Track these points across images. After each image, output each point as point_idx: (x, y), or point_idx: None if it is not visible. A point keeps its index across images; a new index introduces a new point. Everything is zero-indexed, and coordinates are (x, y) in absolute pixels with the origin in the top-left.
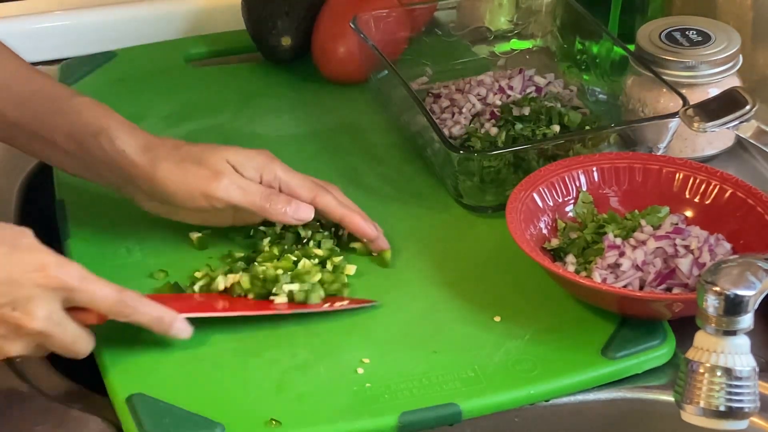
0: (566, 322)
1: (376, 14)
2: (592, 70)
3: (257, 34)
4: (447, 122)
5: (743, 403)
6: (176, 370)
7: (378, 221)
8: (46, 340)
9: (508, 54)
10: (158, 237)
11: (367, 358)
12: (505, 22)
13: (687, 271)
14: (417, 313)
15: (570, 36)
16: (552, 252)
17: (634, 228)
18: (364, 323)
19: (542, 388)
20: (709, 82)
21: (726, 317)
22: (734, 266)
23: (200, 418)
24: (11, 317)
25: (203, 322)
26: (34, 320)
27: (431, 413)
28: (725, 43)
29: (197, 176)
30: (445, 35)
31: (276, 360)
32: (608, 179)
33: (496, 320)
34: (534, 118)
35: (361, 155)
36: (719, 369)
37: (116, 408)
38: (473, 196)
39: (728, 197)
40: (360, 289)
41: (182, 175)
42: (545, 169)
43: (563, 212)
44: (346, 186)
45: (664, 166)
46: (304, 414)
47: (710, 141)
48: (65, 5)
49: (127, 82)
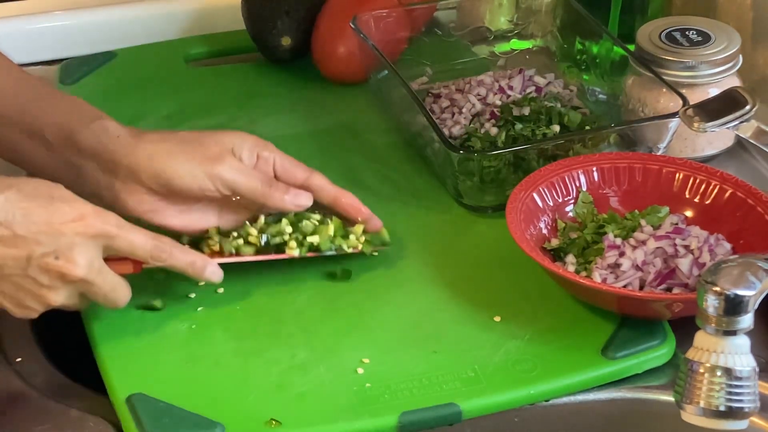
0: (566, 322)
1: (376, 14)
2: (592, 70)
3: (257, 34)
4: (447, 122)
5: (743, 403)
6: (176, 369)
7: None
8: (88, 288)
9: (508, 54)
10: None
11: (367, 358)
12: (505, 22)
13: (687, 271)
14: (417, 313)
15: (570, 36)
16: (552, 252)
17: (634, 228)
18: (364, 323)
19: (542, 388)
20: (709, 82)
21: (726, 317)
22: (734, 266)
23: (200, 417)
24: (54, 266)
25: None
26: (76, 267)
27: (431, 413)
28: (725, 43)
29: (202, 157)
30: (445, 35)
31: (276, 360)
32: (608, 179)
33: (496, 320)
34: (534, 118)
35: (361, 155)
36: (719, 369)
37: (116, 408)
38: (473, 196)
39: (728, 197)
40: (360, 289)
41: (185, 155)
42: (545, 169)
43: (563, 212)
44: (346, 186)
45: (664, 166)
46: (304, 414)
47: (710, 141)
48: (65, 5)
49: (127, 82)
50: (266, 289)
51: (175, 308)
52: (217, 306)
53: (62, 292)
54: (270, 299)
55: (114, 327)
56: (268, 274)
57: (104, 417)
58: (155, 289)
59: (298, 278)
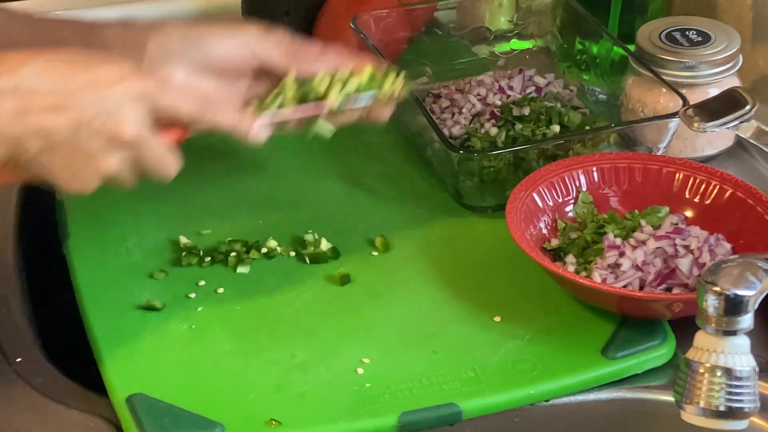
0: (566, 322)
1: (376, 14)
2: (592, 70)
3: None
4: (447, 122)
5: (743, 403)
6: (176, 370)
7: (378, 221)
8: (139, 153)
9: (508, 54)
10: (158, 237)
11: (367, 358)
12: (505, 22)
13: (687, 271)
14: (417, 313)
15: (570, 36)
16: (552, 252)
17: (634, 228)
18: (364, 323)
19: (542, 388)
20: (709, 82)
21: (726, 317)
22: (734, 266)
23: (200, 417)
24: (104, 127)
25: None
26: (127, 127)
27: (431, 413)
28: (725, 43)
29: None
30: (445, 35)
31: (276, 360)
32: (608, 179)
33: (496, 320)
34: (534, 118)
35: (361, 155)
36: (719, 369)
37: (116, 408)
38: (473, 196)
39: (728, 197)
40: (359, 288)
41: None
42: (545, 169)
43: (563, 212)
44: (346, 186)
45: (664, 166)
46: (304, 414)
47: (710, 141)
48: (65, 5)
49: None
50: (266, 289)
51: (175, 308)
52: (217, 306)
53: (115, 157)
54: (270, 299)
55: (114, 327)
56: (268, 274)
57: (104, 417)
58: (155, 289)
59: (297, 278)
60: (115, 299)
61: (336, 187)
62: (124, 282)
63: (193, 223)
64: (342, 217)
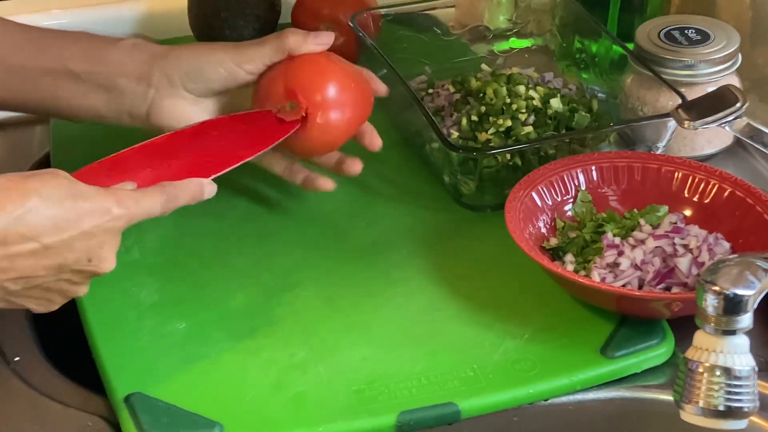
0: (565, 321)
1: (374, 13)
2: (591, 69)
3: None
4: (446, 121)
5: (742, 402)
6: (175, 369)
7: (377, 221)
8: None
9: (507, 53)
10: (158, 237)
11: (366, 357)
12: (504, 20)
13: (686, 271)
14: (416, 313)
15: (569, 35)
16: (551, 251)
17: (633, 227)
18: (363, 322)
19: (541, 387)
20: (708, 80)
21: (725, 317)
22: (733, 265)
23: (199, 417)
24: (88, 267)
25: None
26: (108, 264)
27: (430, 413)
28: (724, 42)
29: (227, 46)
30: (444, 34)
31: (274, 359)
32: (607, 178)
33: (494, 319)
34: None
35: (360, 155)
36: (718, 368)
37: (115, 407)
38: (472, 195)
39: (727, 196)
40: (358, 288)
41: (212, 46)
42: (544, 168)
43: (562, 211)
44: (345, 185)
45: (663, 165)
46: (303, 413)
47: (709, 140)
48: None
49: None
50: (265, 288)
51: (173, 307)
52: (216, 305)
53: (89, 284)
54: (268, 299)
55: (113, 326)
56: (268, 273)
57: (103, 417)
58: (154, 288)
59: (296, 278)
60: (114, 298)
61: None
62: (122, 281)
63: (193, 223)
64: (341, 216)
